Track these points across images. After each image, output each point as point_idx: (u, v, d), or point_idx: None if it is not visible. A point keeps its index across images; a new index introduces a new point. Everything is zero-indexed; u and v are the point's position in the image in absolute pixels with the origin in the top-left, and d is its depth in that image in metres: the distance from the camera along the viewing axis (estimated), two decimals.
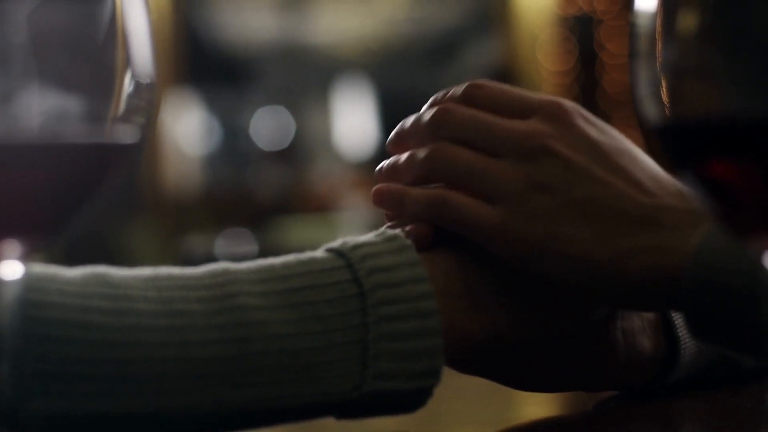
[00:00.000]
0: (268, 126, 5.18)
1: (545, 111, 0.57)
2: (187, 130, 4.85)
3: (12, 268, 0.38)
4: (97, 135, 0.38)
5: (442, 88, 0.61)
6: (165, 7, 4.60)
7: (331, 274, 0.54)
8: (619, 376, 0.60)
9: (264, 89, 5.26)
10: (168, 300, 0.51)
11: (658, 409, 0.60)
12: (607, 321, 0.59)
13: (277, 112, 5.22)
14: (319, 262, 0.54)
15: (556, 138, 0.56)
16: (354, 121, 5.24)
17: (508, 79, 3.98)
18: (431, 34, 5.16)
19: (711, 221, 0.52)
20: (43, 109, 0.37)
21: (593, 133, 0.56)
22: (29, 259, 0.38)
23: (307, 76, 5.28)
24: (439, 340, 0.53)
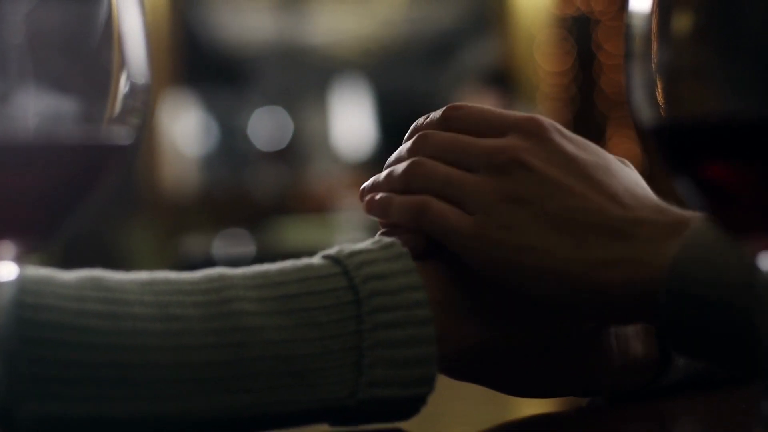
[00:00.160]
0: (266, 126, 5.18)
1: (521, 127, 0.57)
2: (185, 130, 4.84)
3: (7, 270, 0.38)
4: (92, 136, 0.38)
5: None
6: (163, 8, 4.60)
7: (328, 281, 0.54)
8: (612, 381, 0.60)
9: (262, 90, 5.26)
10: (164, 304, 0.51)
11: (653, 408, 0.60)
12: (599, 327, 0.59)
13: (274, 112, 5.21)
14: (316, 268, 0.54)
15: (530, 152, 0.56)
16: (352, 122, 5.24)
17: (506, 79, 3.98)
18: (429, 34, 5.16)
19: (688, 234, 0.52)
20: (38, 110, 0.37)
21: (569, 147, 0.56)
22: (24, 261, 0.38)
23: (305, 77, 5.28)
24: (434, 348, 0.53)
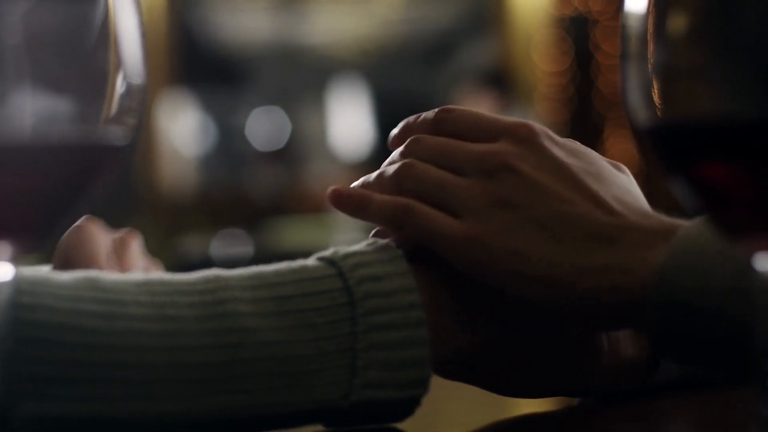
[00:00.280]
0: (264, 126, 5.18)
1: (512, 133, 0.57)
2: (183, 130, 4.84)
3: (3, 270, 0.38)
4: (88, 136, 0.38)
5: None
6: (160, 8, 4.60)
7: (322, 282, 0.54)
8: (603, 382, 0.60)
9: (259, 90, 5.26)
10: (160, 305, 0.51)
11: (645, 408, 0.60)
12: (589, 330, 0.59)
13: (272, 112, 5.21)
14: (310, 270, 0.55)
15: (519, 157, 0.56)
16: (349, 122, 5.24)
17: (504, 79, 3.98)
18: (426, 34, 5.16)
19: (675, 241, 0.52)
20: (34, 110, 0.37)
21: (559, 153, 0.57)
22: (20, 261, 0.38)
23: (303, 77, 5.28)
24: (428, 350, 0.53)
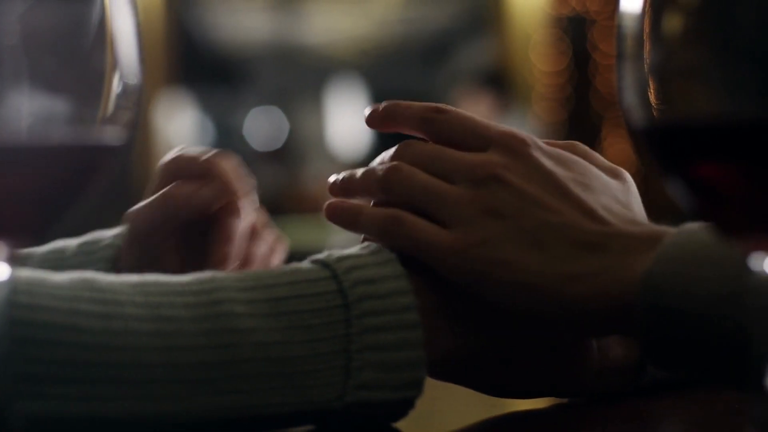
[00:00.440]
0: (262, 126, 5.18)
1: (502, 143, 0.57)
2: (181, 130, 4.84)
3: (0, 270, 0.38)
4: (84, 136, 0.38)
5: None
6: (158, 8, 4.60)
7: (317, 284, 0.54)
8: (592, 383, 0.60)
9: (257, 90, 5.27)
10: (155, 305, 0.51)
11: (638, 407, 0.60)
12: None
13: (270, 112, 5.22)
14: (305, 272, 0.55)
15: (508, 168, 0.56)
16: (347, 122, 5.24)
17: (502, 79, 3.98)
18: (424, 34, 5.16)
19: (662, 247, 0.52)
20: (30, 110, 0.37)
21: (548, 163, 0.57)
22: (16, 262, 0.38)
23: (301, 77, 5.28)
24: (422, 351, 0.54)
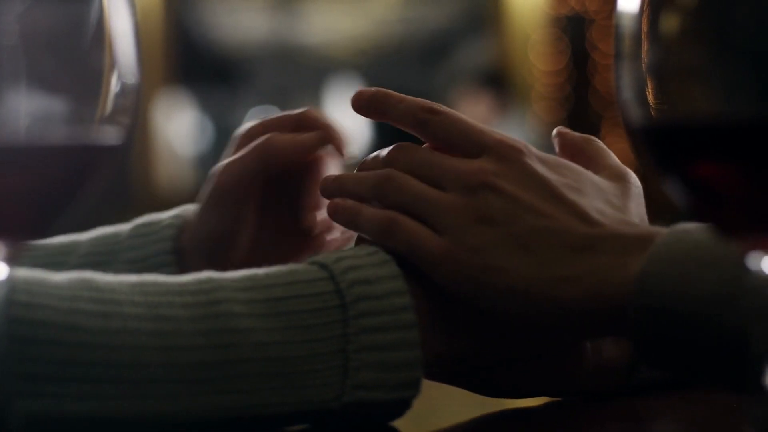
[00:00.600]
0: None
1: (495, 150, 0.57)
2: (180, 130, 4.84)
3: None
4: (83, 136, 0.38)
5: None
6: (157, 7, 4.60)
7: (314, 284, 0.54)
8: (586, 383, 0.60)
9: (256, 89, 5.26)
10: (154, 305, 0.51)
11: (633, 407, 0.60)
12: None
13: (269, 112, 5.21)
14: (302, 272, 0.55)
15: (501, 176, 0.56)
16: (346, 122, 5.24)
17: (501, 79, 3.98)
18: (423, 34, 5.16)
19: (654, 248, 0.52)
20: (29, 110, 0.37)
21: (541, 170, 0.57)
22: (15, 261, 0.38)
23: (300, 76, 5.28)
24: (419, 351, 0.54)
